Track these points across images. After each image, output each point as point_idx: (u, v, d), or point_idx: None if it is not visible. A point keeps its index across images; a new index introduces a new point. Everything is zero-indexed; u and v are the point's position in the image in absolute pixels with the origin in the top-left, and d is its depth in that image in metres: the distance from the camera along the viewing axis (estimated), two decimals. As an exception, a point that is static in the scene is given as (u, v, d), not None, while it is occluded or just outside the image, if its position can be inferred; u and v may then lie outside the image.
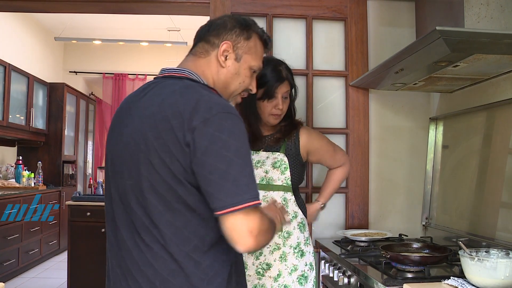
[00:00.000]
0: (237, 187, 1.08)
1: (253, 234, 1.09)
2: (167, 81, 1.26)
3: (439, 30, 1.47)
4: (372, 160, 2.53)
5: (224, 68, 1.31)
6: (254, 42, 1.36)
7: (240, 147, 1.11)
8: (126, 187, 1.20)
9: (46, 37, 6.72)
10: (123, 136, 1.23)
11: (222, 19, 1.36)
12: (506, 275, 1.33)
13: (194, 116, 1.11)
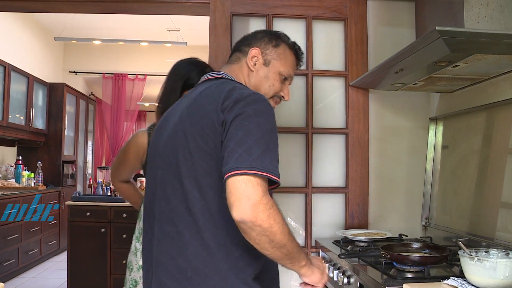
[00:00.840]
0: (248, 155, 1.09)
1: (251, 202, 1.07)
2: (205, 84, 1.38)
3: (438, 30, 1.47)
4: (372, 160, 2.53)
5: (254, 71, 1.44)
6: (283, 50, 1.47)
7: (263, 124, 1.15)
8: (165, 176, 1.26)
9: (46, 37, 6.72)
10: (166, 130, 1.32)
11: (254, 32, 1.51)
12: (505, 275, 1.33)
13: (227, 99, 1.19)
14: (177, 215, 1.21)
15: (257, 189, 1.08)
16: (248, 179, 1.08)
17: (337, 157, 2.53)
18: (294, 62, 1.51)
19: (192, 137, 1.19)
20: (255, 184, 1.08)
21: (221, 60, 2.43)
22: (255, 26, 2.52)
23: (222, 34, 2.46)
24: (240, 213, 1.08)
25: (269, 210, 1.09)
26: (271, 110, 1.21)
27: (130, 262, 2.00)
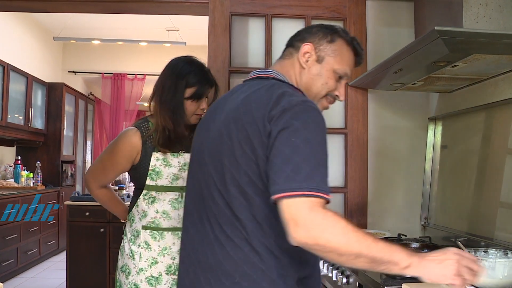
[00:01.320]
0: (296, 174, 1.03)
1: (301, 225, 1.01)
2: (254, 82, 1.30)
3: (437, 30, 1.48)
4: (371, 160, 2.53)
5: (305, 69, 1.33)
6: (340, 46, 1.35)
7: (312, 138, 1.08)
8: (210, 179, 1.22)
9: (45, 37, 6.72)
10: (210, 131, 1.27)
11: (308, 26, 1.42)
12: (504, 275, 1.33)
13: (275, 107, 1.12)
14: (225, 220, 1.18)
15: (303, 208, 1.02)
16: (297, 202, 1.02)
17: (336, 157, 2.53)
18: (352, 59, 1.38)
19: (238, 144, 1.15)
20: (303, 203, 1.02)
21: (220, 60, 2.43)
22: (254, 26, 2.52)
23: (221, 34, 2.46)
24: (293, 238, 1.03)
25: (320, 225, 1.01)
26: (321, 120, 1.14)
27: (126, 265, 1.89)
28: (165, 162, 1.87)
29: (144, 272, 1.86)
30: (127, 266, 1.89)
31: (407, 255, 1.07)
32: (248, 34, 2.53)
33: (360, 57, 1.40)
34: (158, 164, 1.86)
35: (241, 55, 2.51)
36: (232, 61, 2.49)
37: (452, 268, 1.08)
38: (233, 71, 2.47)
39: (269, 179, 1.08)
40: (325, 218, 1.02)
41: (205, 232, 1.23)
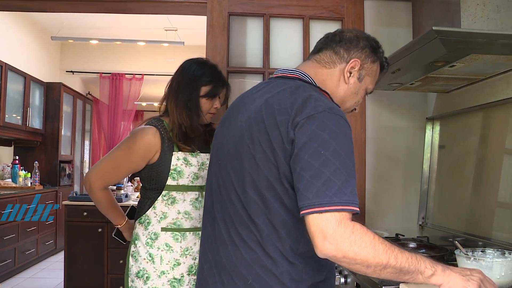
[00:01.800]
0: (327, 188, 1.02)
1: (326, 237, 1.01)
2: (279, 81, 1.27)
3: (435, 30, 1.48)
4: (369, 160, 2.53)
5: (346, 84, 1.31)
6: (377, 66, 1.36)
7: (340, 149, 1.06)
8: (228, 180, 1.22)
9: (42, 37, 6.71)
10: (231, 129, 1.25)
11: (354, 34, 1.35)
12: (501, 275, 1.34)
13: (299, 113, 1.10)
14: (241, 222, 1.18)
15: (332, 222, 1.01)
16: (329, 218, 1.01)
17: (334, 157, 2.53)
18: (378, 78, 1.40)
19: (260, 147, 1.14)
20: (331, 217, 1.01)
21: (219, 60, 2.43)
22: (252, 26, 2.52)
23: (219, 34, 2.45)
24: (320, 251, 1.03)
25: (349, 238, 1.01)
26: (347, 128, 1.12)
27: (144, 270, 1.84)
28: (186, 162, 1.86)
29: (166, 274, 1.83)
30: (145, 270, 1.84)
31: (430, 263, 1.09)
32: (246, 34, 2.53)
33: (384, 72, 1.41)
34: (179, 164, 1.85)
35: (239, 55, 2.51)
36: (230, 61, 2.49)
37: (475, 284, 1.09)
38: (231, 71, 2.47)
39: (298, 192, 1.06)
40: (353, 231, 1.02)
41: (220, 232, 1.23)
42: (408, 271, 1.06)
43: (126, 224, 2.02)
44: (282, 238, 1.14)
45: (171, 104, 1.88)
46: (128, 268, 1.91)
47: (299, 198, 1.05)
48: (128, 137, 1.88)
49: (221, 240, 1.23)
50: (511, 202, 1.80)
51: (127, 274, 1.92)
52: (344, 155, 1.06)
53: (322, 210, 1.01)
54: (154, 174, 1.86)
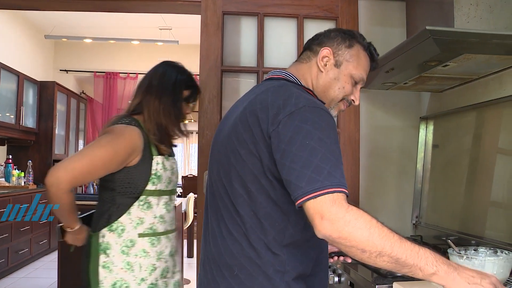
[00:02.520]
0: (317, 174, 1.04)
1: (325, 218, 1.02)
2: (267, 82, 1.35)
3: (429, 29, 1.49)
4: (363, 159, 2.53)
5: (323, 72, 1.35)
6: (357, 51, 1.37)
7: (324, 137, 1.09)
8: (218, 175, 1.28)
9: (36, 35, 6.67)
10: (223, 130, 1.33)
11: (327, 30, 1.42)
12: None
13: (281, 111, 1.14)
14: (228, 215, 1.24)
15: (328, 204, 1.03)
16: (323, 200, 1.03)
17: (328, 156, 2.53)
18: (368, 64, 1.40)
19: (244, 143, 1.19)
20: (328, 200, 1.03)
21: (213, 59, 2.43)
22: (246, 25, 2.52)
23: (213, 33, 2.45)
24: (318, 231, 1.04)
25: (343, 219, 1.02)
26: (329, 118, 1.15)
27: (122, 280, 1.74)
28: (164, 166, 1.82)
29: (145, 281, 1.76)
30: (123, 280, 1.73)
31: (435, 261, 1.05)
32: (241, 33, 2.53)
33: (376, 62, 1.43)
34: (159, 168, 1.79)
35: (234, 54, 2.51)
36: (225, 60, 2.48)
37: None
38: (225, 70, 2.47)
39: (291, 184, 1.08)
40: (348, 211, 1.03)
41: (212, 224, 1.30)
42: (406, 264, 1.04)
43: (79, 229, 1.84)
44: (266, 230, 1.19)
45: (153, 105, 1.82)
46: (99, 281, 1.75)
47: (293, 189, 1.07)
48: (111, 136, 1.72)
49: (213, 232, 1.29)
50: (503, 201, 1.81)
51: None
52: (329, 142, 1.09)
53: (316, 195, 1.03)
54: (130, 178, 1.74)
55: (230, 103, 2.45)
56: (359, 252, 1.03)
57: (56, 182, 1.62)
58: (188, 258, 5.98)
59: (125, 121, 1.79)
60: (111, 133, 1.73)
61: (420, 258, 1.04)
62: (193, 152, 12.35)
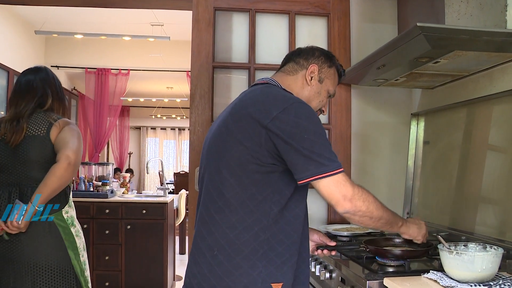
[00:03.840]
0: (322, 160, 1.27)
1: (347, 198, 1.29)
2: (253, 87, 1.52)
3: (420, 26, 1.49)
4: (354, 155, 2.54)
5: (309, 86, 1.55)
6: (334, 71, 1.60)
7: (317, 129, 1.31)
8: (207, 166, 1.43)
9: (26, 31, 6.61)
10: (213, 128, 1.49)
11: (310, 47, 1.62)
12: (483, 268, 1.35)
13: (273, 106, 1.32)
14: (211, 200, 1.36)
15: (345, 185, 1.29)
16: (335, 180, 1.28)
17: (320, 152, 2.54)
18: (337, 82, 1.64)
19: (233, 132, 1.34)
20: (342, 182, 1.29)
21: (204, 54, 2.42)
22: (238, 21, 2.51)
23: (204, 28, 2.44)
24: (343, 209, 1.30)
25: (362, 196, 1.31)
26: (313, 110, 1.37)
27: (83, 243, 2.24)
28: None
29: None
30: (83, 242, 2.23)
31: (400, 218, 1.50)
32: (232, 29, 2.52)
33: (342, 78, 1.68)
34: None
35: (225, 50, 2.50)
36: (216, 56, 2.47)
37: (423, 231, 1.60)
38: (216, 66, 2.46)
39: (298, 167, 1.28)
40: (363, 191, 1.33)
41: (202, 212, 1.41)
42: (392, 222, 1.44)
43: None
44: (250, 211, 1.31)
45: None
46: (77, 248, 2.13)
47: (300, 170, 1.28)
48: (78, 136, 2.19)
49: (200, 219, 1.41)
50: (493, 197, 1.83)
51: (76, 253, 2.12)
52: (322, 133, 1.32)
53: (328, 175, 1.27)
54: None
55: (221, 99, 2.44)
56: (368, 219, 1.35)
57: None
58: (180, 255, 5.98)
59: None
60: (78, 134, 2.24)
61: (396, 217, 1.47)
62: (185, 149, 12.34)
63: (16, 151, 2.10)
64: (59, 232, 2.08)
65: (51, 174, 2.02)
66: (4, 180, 2.11)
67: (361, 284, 1.55)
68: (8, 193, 2.08)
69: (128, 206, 4.21)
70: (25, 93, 2.22)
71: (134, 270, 4.19)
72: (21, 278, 2.00)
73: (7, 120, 2.14)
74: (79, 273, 2.12)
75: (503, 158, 1.80)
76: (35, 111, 2.18)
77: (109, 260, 4.12)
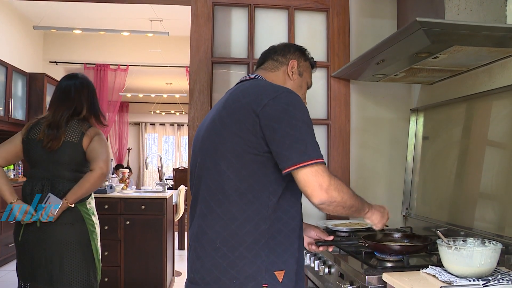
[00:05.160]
0: (306, 147, 1.29)
1: (323, 188, 1.29)
2: (239, 83, 1.56)
3: (419, 21, 1.48)
4: (353, 151, 2.54)
5: (292, 80, 1.63)
6: (308, 64, 1.70)
7: (305, 118, 1.34)
8: (203, 161, 1.44)
9: (24, 26, 6.59)
10: (204, 125, 1.51)
11: (284, 45, 1.69)
12: (481, 263, 1.36)
13: (264, 96, 1.36)
14: (211, 194, 1.38)
15: (323, 176, 1.30)
16: (314, 170, 1.29)
17: (319, 148, 2.53)
18: (311, 74, 1.74)
19: (228, 125, 1.36)
20: (320, 172, 1.29)
21: (203, 50, 2.41)
22: (237, 16, 2.50)
23: (203, 24, 2.43)
24: (318, 199, 1.30)
25: (338, 187, 1.32)
26: (301, 99, 1.40)
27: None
28: None
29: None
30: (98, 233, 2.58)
31: (367, 204, 1.52)
32: (231, 24, 2.51)
33: (314, 70, 1.76)
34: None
35: (224, 45, 2.50)
36: (215, 51, 2.47)
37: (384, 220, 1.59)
38: (215, 61, 2.46)
39: (281, 155, 1.30)
40: (338, 182, 1.33)
41: (197, 207, 1.44)
42: (360, 209, 1.47)
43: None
44: (249, 202, 1.34)
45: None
46: (95, 232, 2.52)
47: (283, 159, 1.30)
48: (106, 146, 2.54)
49: (197, 214, 1.43)
50: (492, 192, 1.83)
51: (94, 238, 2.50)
52: (308, 121, 1.35)
53: (308, 164, 1.28)
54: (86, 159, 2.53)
55: (220, 94, 2.44)
56: (341, 208, 1.36)
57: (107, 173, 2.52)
58: (179, 250, 5.98)
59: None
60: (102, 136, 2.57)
61: (364, 204, 1.49)
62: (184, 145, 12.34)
63: (51, 153, 2.45)
64: (83, 219, 2.46)
65: (86, 181, 2.41)
66: (37, 174, 2.47)
67: (360, 279, 1.55)
68: (41, 186, 2.45)
69: (127, 202, 4.21)
70: (64, 101, 2.54)
71: (133, 266, 4.20)
72: (51, 254, 2.39)
73: (46, 126, 2.49)
74: (94, 252, 2.50)
75: (502, 153, 1.80)
76: (71, 119, 2.51)
77: (108, 256, 4.12)
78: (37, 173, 2.48)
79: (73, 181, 2.45)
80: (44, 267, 2.40)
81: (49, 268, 2.39)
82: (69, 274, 2.41)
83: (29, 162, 2.52)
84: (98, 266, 2.54)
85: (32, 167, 2.52)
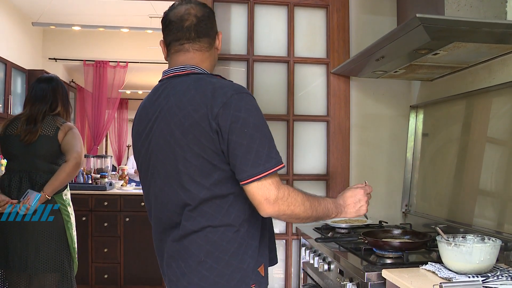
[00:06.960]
0: (259, 159, 1.23)
1: (270, 201, 1.24)
2: (175, 80, 1.38)
3: (419, 17, 1.48)
4: (353, 148, 2.54)
5: (218, 50, 1.52)
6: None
7: (257, 122, 1.26)
8: (166, 184, 1.33)
9: (23, 22, 6.57)
10: (151, 143, 1.36)
11: (203, 11, 1.45)
12: (481, 259, 1.36)
13: (214, 104, 1.25)
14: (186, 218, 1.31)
15: (270, 189, 1.24)
16: (263, 183, 1.24)
17: (318, 144, 2.54)
18: None
19: (188, 147, 1.27)
20: (267, 185, 1.24)
21: (203, 46, 2.40)
22: (236, 12, 2.50)
23: (203, 20, 2.42)
24: (265, 213, 1.27)
25: (287, 200, 1.27)
26: (253, 99, 1.31)
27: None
28: None
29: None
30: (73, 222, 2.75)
31: (335, 207, 1.43)
32: (231, 21, 2.50)
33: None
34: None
35: (224, 42, 2.49)
36: (215, 48, 2.46)
37: (363, 208, 1.49)
38: (215, 58, 2.45)
39: (236, 168, 1.25)
40: (289, 194, 1.28)
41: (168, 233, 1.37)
42: (323, 217, 1.40)
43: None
44: (228, 212, 1.30)
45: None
46: (70, 222, 2.70)
47: (238, 172, 1.25)
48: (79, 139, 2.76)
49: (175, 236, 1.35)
50: (491, 189, 1.83)
51: (69, 227, 2.67)
52: (261, 125, 1.27)
53: (260, 177, 1.22)
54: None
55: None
56: (295, 219, 1.33)
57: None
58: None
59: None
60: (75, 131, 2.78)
61: (329, 210, 1.40)
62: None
63: (29, 146, 2.62)
64: (59, 210, 2.64)
65: (62, 171, 2.60)
66: (15, 167, 2.65)
67: (359, 275, 1.55)
68: (19, 178, 2.61)
69: (127, 199, 4.21)
70: (40, 100, 2.74)
71: (133, 263, 4.20)
72: (27, 242, 2.54)
73: (24, 121, 2.67)
74: (70, 241, 2.67)
75: (502, 150, 1.80)
76: (47, 115, 2.71)
77: (108, 253, 4.12)
78: (15, 166, 2.65)
79: (49, 173, 2.63)
80: (20, 254, 2.53)
81: (24, 255, 2.53)
82: (44, 260, 2.56)
83: (7, 156, 2.71)
84: (74, 255, 2.71)
85: (9, 160, 2.70)
